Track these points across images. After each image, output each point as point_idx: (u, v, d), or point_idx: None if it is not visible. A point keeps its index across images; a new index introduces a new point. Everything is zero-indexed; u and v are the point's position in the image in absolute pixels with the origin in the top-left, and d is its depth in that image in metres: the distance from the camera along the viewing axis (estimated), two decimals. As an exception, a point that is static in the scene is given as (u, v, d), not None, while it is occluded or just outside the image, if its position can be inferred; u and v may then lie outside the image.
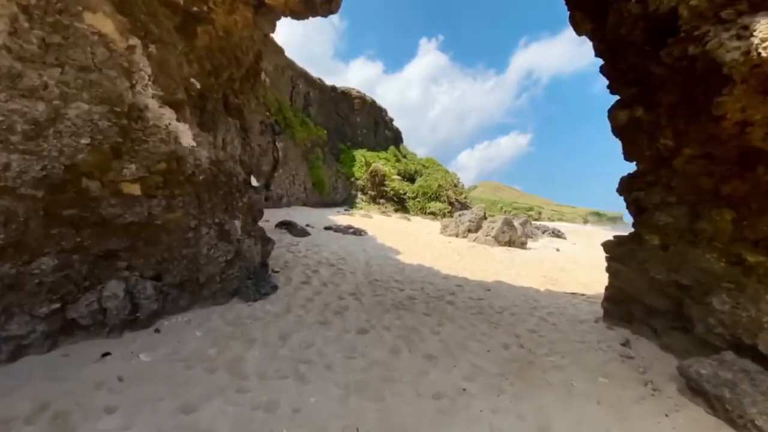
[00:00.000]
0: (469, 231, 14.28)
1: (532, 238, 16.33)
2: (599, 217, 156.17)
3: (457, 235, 14.38)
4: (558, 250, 14.34)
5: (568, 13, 4.47)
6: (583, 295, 6.22)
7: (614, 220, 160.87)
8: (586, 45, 4.59)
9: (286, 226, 9.97)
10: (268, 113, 16.05)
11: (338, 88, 31.56)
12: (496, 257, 10.32)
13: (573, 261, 11.08)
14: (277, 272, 5.66)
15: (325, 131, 23.06)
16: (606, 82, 4.51)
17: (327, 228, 11.69)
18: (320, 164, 20.27)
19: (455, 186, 31.13)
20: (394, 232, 13.15)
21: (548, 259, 11.01)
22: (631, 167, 4.58)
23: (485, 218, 14.42)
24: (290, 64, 20.45)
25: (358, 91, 33.56)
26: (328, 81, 29.53)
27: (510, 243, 13.32)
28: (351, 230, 11.66)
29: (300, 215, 14.46)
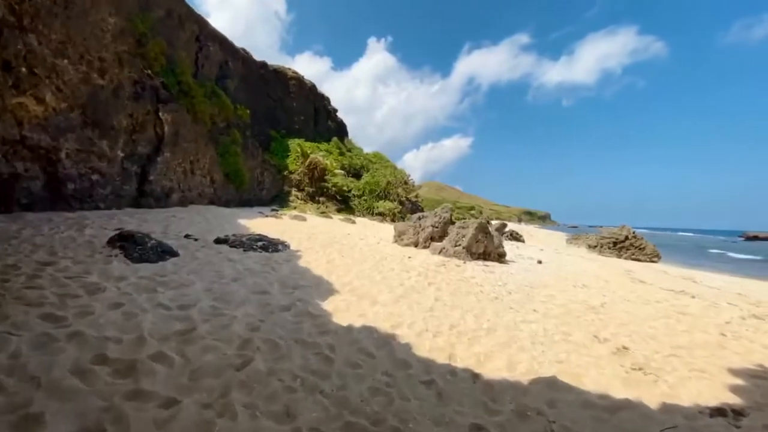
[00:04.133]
0: (432, 239, 10.70)
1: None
2: (531, 215, 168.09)
3: (416, 245, 10.72)
4: (540, 262, 11.28)
5: None
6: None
7: (543, 218, 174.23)
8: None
9: (126, 242, 5.51)
10: (148, 71, 11.14)
11: (270, 66, 26.64)
12: (480, 283, 6.75)
13: (582, 285, 7.89)
14: None
15: (248, 111, 18.28)
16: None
17: (220, 241, 7.35)
18: (237, 151, 15.55)
19: (405, 183, 27.77)
20: (330, 244, 9.10)
21: (550, 284, 7.70)
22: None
23: (452, 222, 10.94)
24: (194, 16, 15.43)
25: (294, 72, 28.85)
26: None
27: (485, 255, 9.94)
28: (261, 243, 7.44)
29: (190, 220, 9.85)
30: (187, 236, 7.50)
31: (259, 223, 11.19)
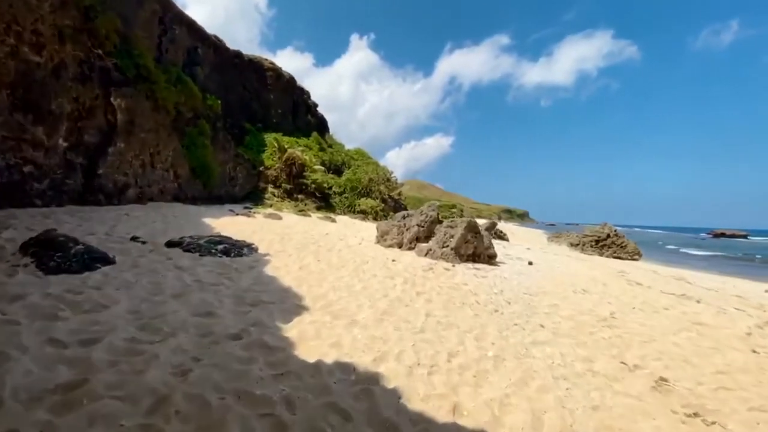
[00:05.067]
0: (418, 240, 9.87)
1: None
2: (510, 213, 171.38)
3: (401, 246, 9.86)
4: (531, 263, 10.62)
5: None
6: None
7: (522, 216, 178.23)
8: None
9: (41, 247, 4.42)
10: (98, 51, 9.83)
11: (245, 55, 25.22)
12: (474, 291, 5.95)
13: (582, 290, 7.22)
14: None
15: (219, 102, 16.97)
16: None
17: (173, 244, 6.28)
18: (206, 143, 14.28)
19: (388, 181, 26.85)
20: (305, 246, 8.14)
21: (548, 290, 6.99)
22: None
23: (439, 221, 10.13)
24: (158, -4, 14.04)
25: (271, 63, 27.47)
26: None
27: (475, 257, 9.19)
28: (222, 247, 6.41)
29: (144, 219, 8.70)
30: (134, 239, 6.39)
31: (227, 223, 10.09)
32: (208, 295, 3.99)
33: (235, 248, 6.55)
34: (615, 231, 19.44)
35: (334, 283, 5.19)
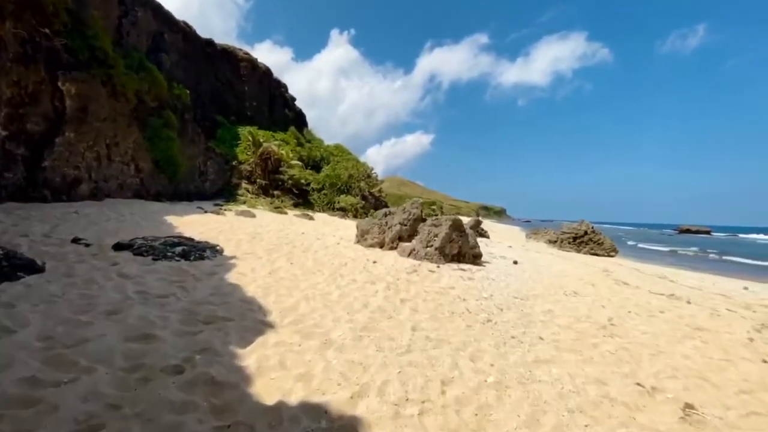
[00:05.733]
0: (400, 239, 9.34)
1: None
2: (488, 210, 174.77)
3: (382, 246, 9.30)
4: (516, 263, 10.28)
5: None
6: None
7: (499, 213, 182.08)
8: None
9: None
10: (45, 30, 8.76)
11: (218, 44, 23.99)
12: (462, 296, 5.45)
13: (573, 292, 6.85)
14: None
15: (188, 92, 15.89)
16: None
17: (122, 246, 5.49)
18: (171, 135, 13.25)
19: (368, 177, 26.21)
20: (278, 247, 7.45)
21: (539, 293, 6.58)
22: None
23: (423, 220, 9.61)
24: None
25: (246, 53, 26.30)
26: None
27: (460, 257, 8.73)
28: (181, 249, 5.66)
29: (95, 218, 7.82)
30: (75, 240, 5.55)
31: (193, 221, 9.25)
32: (151, 311, 3.30)
33: (196, 250, 5.80)
34: (592, 228, 19.54)
35: (308, 292, 4.57)
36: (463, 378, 2.78)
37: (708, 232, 64.56)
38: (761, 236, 60.11)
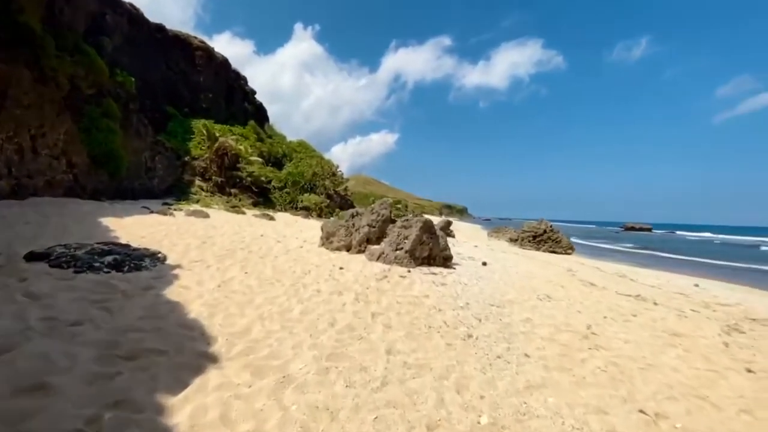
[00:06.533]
0: (368, 241, 8.82)
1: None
2: (450, 209, 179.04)
3: (349, 249, 8.73)
4: (485, 264, 10.10)
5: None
6: None
7: (461, 212, 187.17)
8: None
9: None
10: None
11: (170, 30, 22.22)
12: (437, 305, 5.03)
13: (545, 296, 6.65)
14: None
15: (133, 80, 14.40)
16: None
17: (36, 257, 4.55)
18: (112, 126, 11.86)
19: (334, 175, 25.43)
20: (232, 252, 6.68)
21: (512, 298, 6.31)
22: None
23: (392, 221, 9.15)
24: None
25: (202, 42, 24.63)
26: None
27: (431, 260, 8.37)
28: (112, 258, 4.80)
29: (11, 221, 6.67)
30: (-27, 250, 4.54)
31: (134, 223, 8.19)
32: (55, 346, 2.55)
33: (131, 259, 4.96)
34: (550, 227, 20.10)
35: (263, 309, 3.93)
36: (452, 420, 2.32)
37: (649, 230, 69.46)
38: (692, 234, 66.18)
